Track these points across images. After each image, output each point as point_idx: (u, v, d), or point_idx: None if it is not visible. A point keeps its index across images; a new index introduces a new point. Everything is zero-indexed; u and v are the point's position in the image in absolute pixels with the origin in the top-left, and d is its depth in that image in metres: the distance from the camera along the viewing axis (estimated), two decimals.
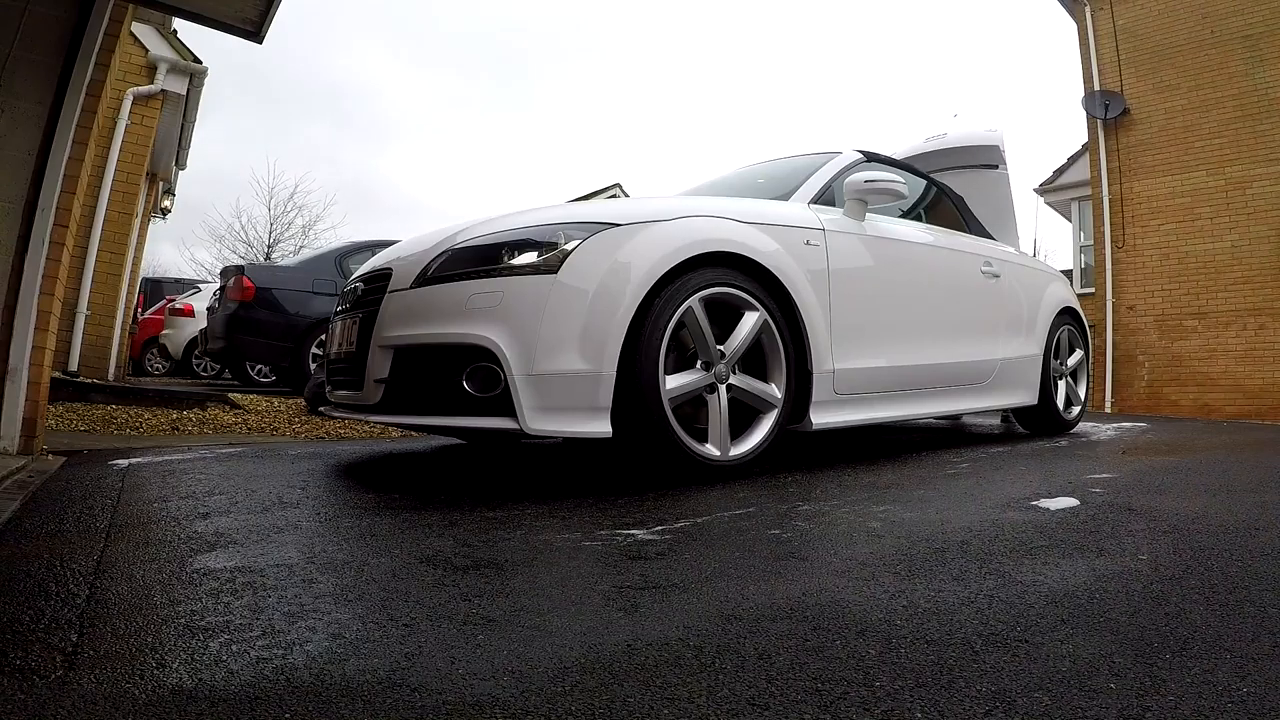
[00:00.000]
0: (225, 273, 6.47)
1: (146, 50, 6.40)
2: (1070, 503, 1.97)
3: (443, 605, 1.19)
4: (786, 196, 2.81)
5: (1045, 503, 1.97)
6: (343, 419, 3.17)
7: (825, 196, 2.88)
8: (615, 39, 67.79)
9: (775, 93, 67.08)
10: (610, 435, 2.04)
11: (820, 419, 2.51)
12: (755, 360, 2.38)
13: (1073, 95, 18.64)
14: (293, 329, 5.75)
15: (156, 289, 12.50)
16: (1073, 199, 10.77)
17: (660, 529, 1.66)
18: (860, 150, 3.20)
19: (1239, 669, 0.96)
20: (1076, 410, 4.06)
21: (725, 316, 2.30)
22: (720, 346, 2.25)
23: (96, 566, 1.38)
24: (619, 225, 2.15)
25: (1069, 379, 4.00)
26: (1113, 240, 8.68)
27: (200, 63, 6.64)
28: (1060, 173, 11.39)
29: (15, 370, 2.60)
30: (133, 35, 6.09)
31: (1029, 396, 3.64)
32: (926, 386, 3.00)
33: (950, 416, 3.78)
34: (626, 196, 15.45)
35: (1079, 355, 4.11)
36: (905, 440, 3.52)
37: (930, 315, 3.07)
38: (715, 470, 2.21)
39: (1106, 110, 8.75)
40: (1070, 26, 9.38)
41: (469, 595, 1.23)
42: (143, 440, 3.32)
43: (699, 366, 2.23)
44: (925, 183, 3.69)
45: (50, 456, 2.66)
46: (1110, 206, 8.72)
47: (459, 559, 1.43)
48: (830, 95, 65.23)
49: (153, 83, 6.42)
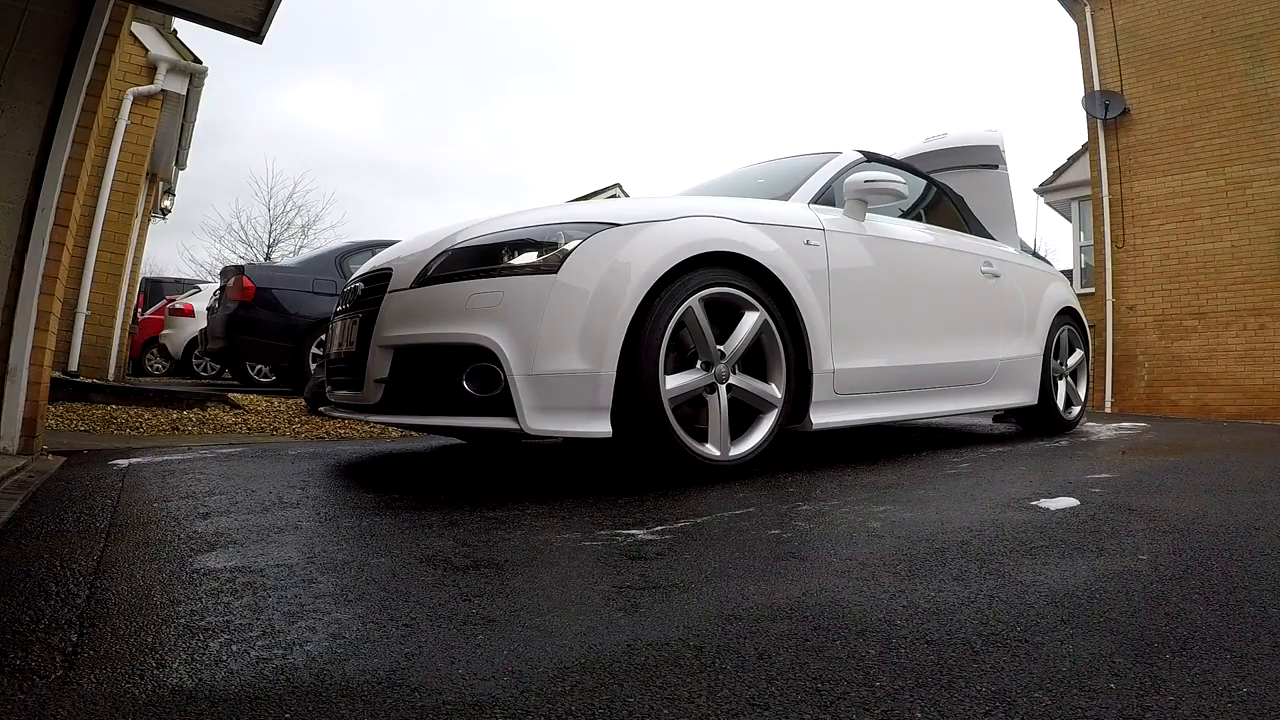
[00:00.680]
0: (225, 273, 6.47)
1: (146, 50, 6.40)
2: (1070, 503, 1.97)
3: (443, 605, 1.19)
4: (786, 196, 2.81)
5: (1045, 503, 1.97)
6: (343, 419, 3.17)
7: (825, 196, 2.89)
8: (615, 39, 67.84)
9: (775, 93, 67.12)
10: (610, 435, 2.04)
11: (820, 419, 2.51)
12: (755, 360, 2.38)
13: (1073, 95, 18.66)
14: (293, 329, 5.75)
15: (156, 289, 12.50)
16: (1073, 199, 10.77)
17: (660, 529, 1.66)
18: (860, 150, 3.20)
19: (1239, 669, 0.96)
20: (1076, 410, 4.06)
21: (725, 316, 2.30)
22: (720, 346, 2.25)
23: (96, 566, 1.38)
24: (619, 225, 2.15)
25: (1069, 379, 4.00)
26: (1113, 240, 8.68)
27: (200, 63, 6.64)
28: (1060, 173, 11.39)
29: (15, 370, 2.60)
30: (133, 35, 6.09)
31: (1029, 396, 3.64)
32: (926, 386, 3.00)
33: (950, 416, 3.78)
34: (626, 196, 15.45)
35: (1079, 355, 4.12)
36: (905, 440, 3.52)
37: (930, 315, 3.07)
38: (715, 470, 2.21)
39: (1106, 110, 8.75)
40: (1070, 26, 9.38)
41: (469, 595, 1.23)
42: (143, 440, 3.32)
43: (699, 366, 2.23)
44: (925, 183, 3.69)
45: (50, 456, 2.66)
46: (1110, 206, 8.72)
47: (459, 559, 1.43)
48: (830, 95, 65.26)
49: (153, 83, 6.42)
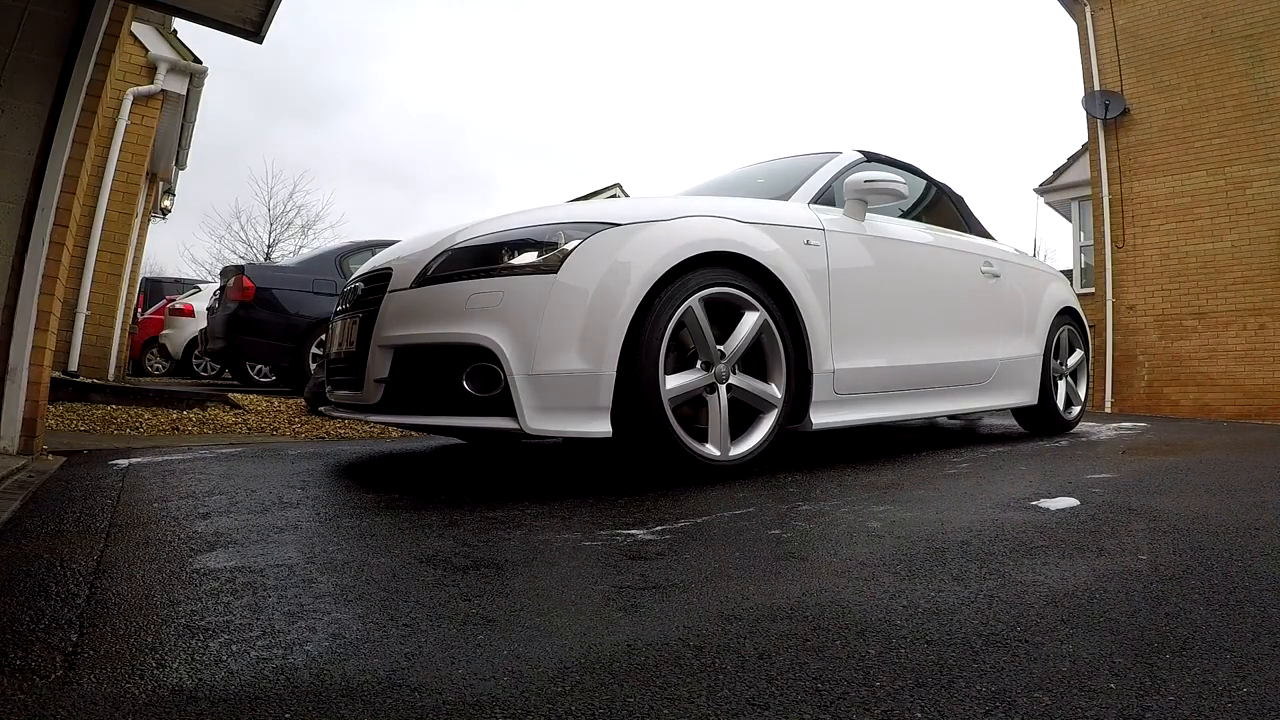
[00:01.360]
0: (225, 273, 6.47)
1: (146, 50, 6.40)
2: (1070, 503, 1.97)
3: (443, 605, 1.19)
4: (786, 197, 2.81)
5: (1045, 503, 1.96)
6: (343, 419, 3.17)
7: (825, 196, 2.88)
8: (616, 38, 67.82)
9: (775, 93, 67.13)
10: (610, 435, 2.04)
11: (820, 419, 2.51)
12: (755, 360, 2.38)
13: (1073, 95, 18.64)
14: (293, 329, 5.75)
15: (156, 289, 12.50)
16: (1073, 199, 10.77)
17: (660, 529, 1.66)
18: (860, 150, 3.20)
19: (1239, 669, 0.96)
20: (1076, 410, 4.06)
21: (725, 316, 2.30)
22: (720, 346, 2.25)
23: (96, 566, 1.37)
24: (619, 225, 2.15)
25: (1069, 379, 4.00)
26: (1113, 240, 8.68)
27: (200, 63, 6.64)
28: (1060, 173, 11.39)
29: (15, 370, 2.60)
30: (133, 35, 6.09)
31: (1029, 396, 3.64)
32: (926, 386, 3.00)
33: (950, 416, 3.78)
34: (626, 196, 15.45)
35: (1079, 355, 4.11)
36: (905, 440, 3.52)
37: (930, 315, 3.06)
38: (715, 470, 2.21)
39: (1106, 110, 8.75)
40: (1070, 26, 9.38)
41: (469, 595, 1.23)
42: (143, 440, 3.32)
43: (699, 366, 2.23)
44: (925, 183, 3.69)
45: (50, 456, 2.66)
46: (1110, 206, 8.72)
47: (459, 559, 1.43)
48: (830, 95, 65.27)
49: (153, 83, 6.42)
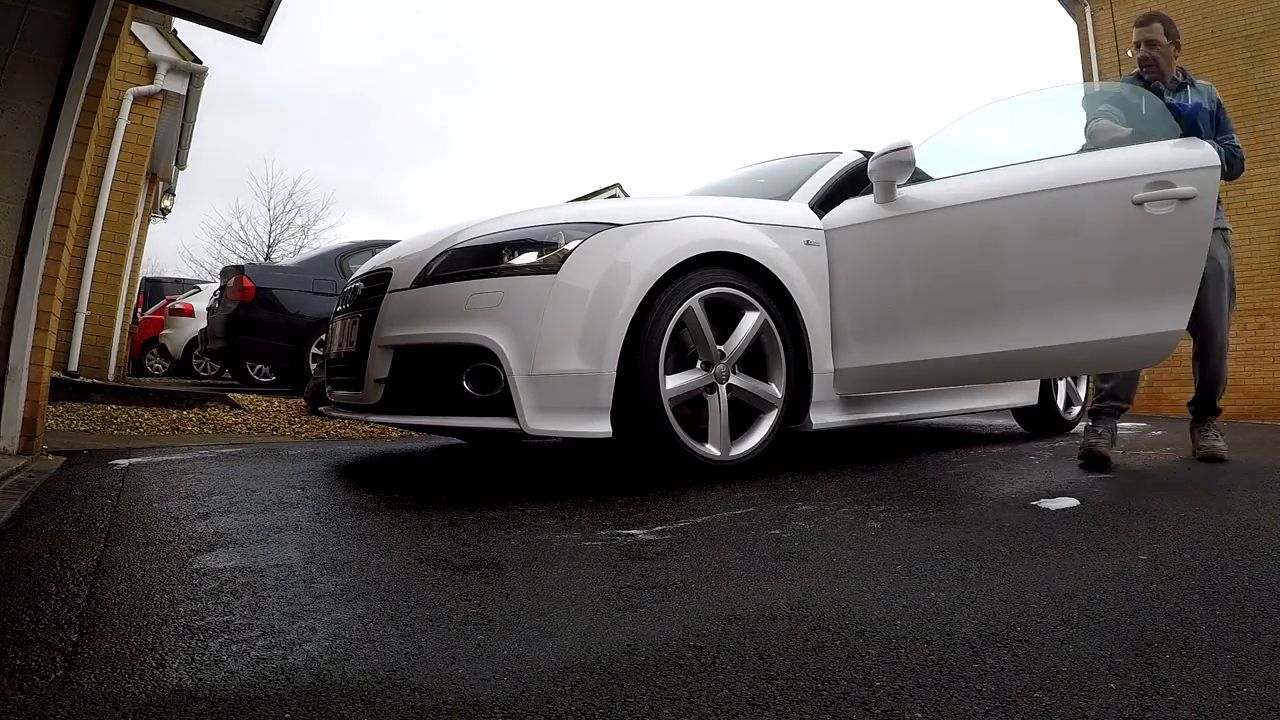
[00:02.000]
0: (225, 273, 6.47)
1: (146, 50, 6.40)
2: (1070, 503, 1.97)
3: (443, 605, 1.19)
4: (787, 197, 2.81)
5: (1045, 503, 1.97)
6: (343, 419, 3.17)
7: (825, 198, 2.86)
8: (616, 38, 67.85)
9: (775, 93, 67.13)
10: (610, 435, 2.04)
11: (820, 419, 2.51)
12: (755, 360, 2.38)
13: None
14: (293, 329, 5.74)
15: (156, 289, 12.49)
16: None
17: (660, 529, 1.66)
18: (860, 150, 3.20)
19: (1239, 669, 0.96)
20: (1076, 410, 4.06)
21: (725, 316, 2.30)
22: (720, 346, 2.25)
23: (96, 566, 1.38)
24: (619, 225, 2.15)
25: (1069, 379, 3.99)
26: None
27: (200, 63, 6.64)
28: None
29: (15, 370, 2.59)
30: (133, 35, 6.08)
31: (1029, 396, 3.64)
32: (937, 385, 2.98)
33: (950, 416, 3.78)
34: (626, 196, 15.45)
35: None
36: (905, 440, 3.52)
37: (974, 295, 2.86)
38: (715, 470, 2.21)
39: None
40: (1070, 26, 9.38)
41: (469, 595, 1.23)
42: (143, 440, 3.32)
43: (699, 366, 2.23)
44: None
45: (50, 456, 2.66)
46: None
47: (459, 559, 1.43)
48: (830, 95, 65.28)
49: (153, 83, 6.41)
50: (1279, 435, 4.34)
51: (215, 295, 6.80)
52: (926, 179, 2.63)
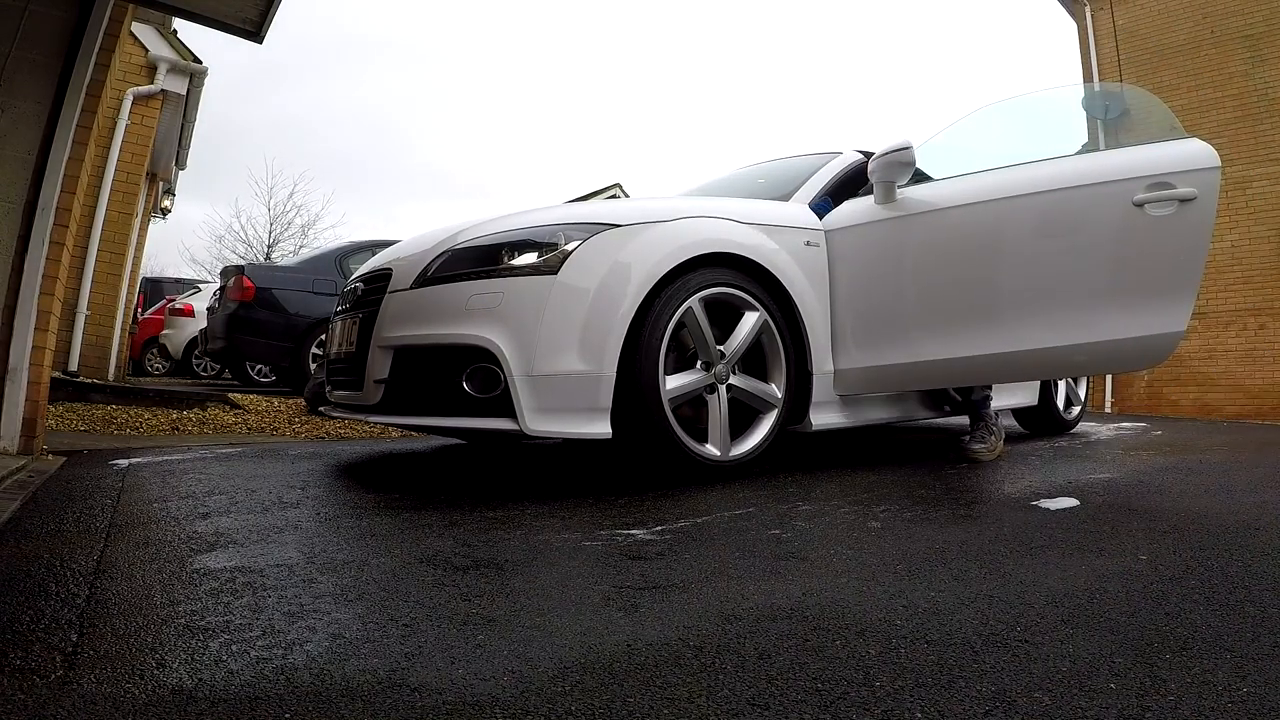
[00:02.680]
0: (225, 273, 6.47)
1: (146, 50, 6.40)
2: (1070, 503, 1.97)
3: (443, 605, 1.19)
4: (787, 197, 2.81)
5: (1045, 503, 1.97)
6: (343, 419, 3.17)
7: (825, 198, 2.87)
8: (616, 38, 67.86)
9: (775, 93, 67.14)
10: (610, 436, 2.04)
11: (820, 419, 2.50)
12: (755, 360, 2.38)
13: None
14: (293, 329, 5.74)
15: (156, 289, 12.49)
16: None
17: (660, 529, 1.66)
18: (860, 150, 3.20)
19: (1239, 669, 0.96)
20: (1076, 410, 4.06)
21: (725, 317, 2.30)
22: (720, 347, 2.25)
23: (96, 566, 1.38)
24: (619, 226, 2.15)
25: (1069, 379, 3.99)
26: None
27: (200, 63, 6.64)
28: None
29: (15, 370, 2.59)
30: (133, 35, 6.08)
31: (1029, 396, 3.64)
32: (937, 386, 2.98)
33: (950, 417, 3.77)
34: (626, 196, 15.45)
35: None
36: (906, 440, 3.52)
37: (973, 297, 2.85)
38: (715, 470, 2.21)
39: (1106, 110, 8.75)
40: (1070, 26, 9.38)
41: (469, 595, 1.23)
42: (143, 440, 3.32)
43: (699, 367, 2.23)
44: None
45: (50, 456, 2.66)
46: None
47: (459, 559, 1.43)
48: (830, 95, 65.28)
49: (153, 83, 6.41)
50: (1279, 435, 4.34)
51: (215, 295, 6.80)
52: (927, 179, 2.63)
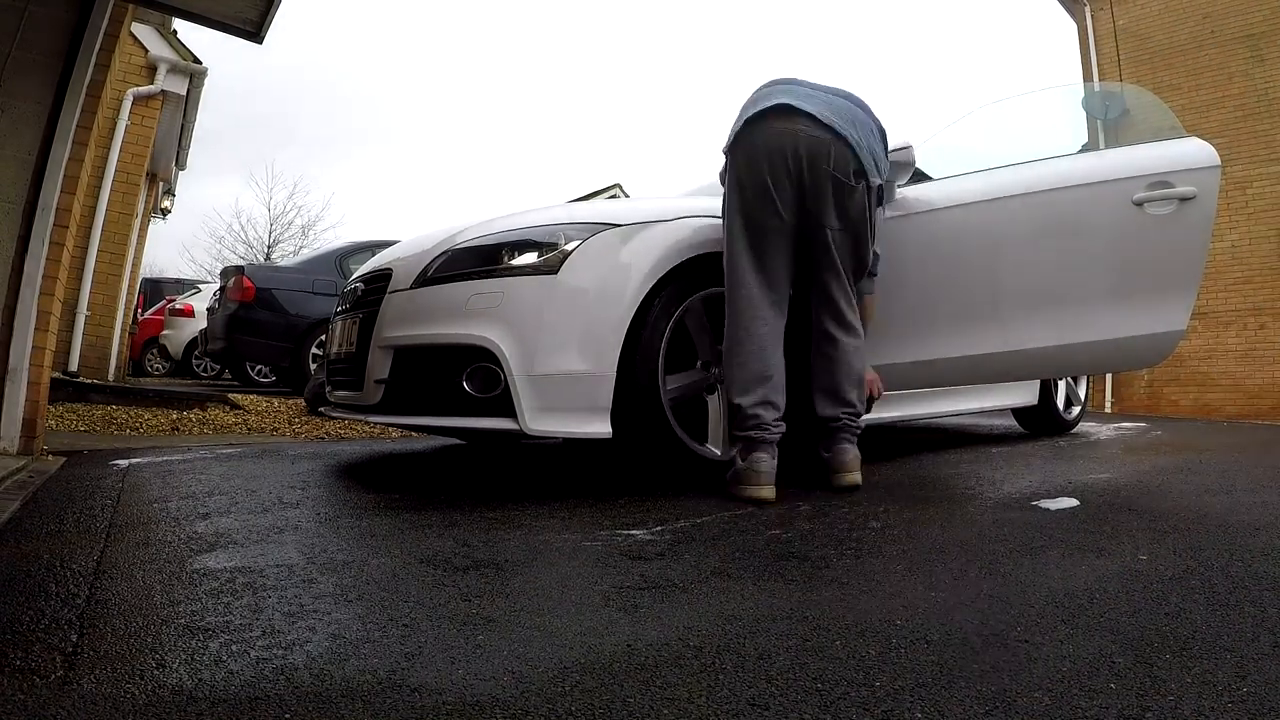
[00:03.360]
0: (225, 273, 6.47)
1: (146, 50, 6.40)
2: (1070, 503, 1.97)
3: (443, 605, 1.19)
4: None
5: (1045, 503, 1.97)
6: (343, 419, 3.17)
7: None
8: (616, 38, 67.86)
9: None
10: (610, 436, 2.04)
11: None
12: None
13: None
14: (293, 329, 5.75)
15: (156, 289, 12.50)
16: None
17: (660, 529, 1.66)
18: None
19: (1239, 669, 0.96)
20: (1076, 410, 4.06)
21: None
22: (720, 346, 2.25)
23: (96, 566, 1.37)
24: (619, 225, 2.15)
25: (1069, 379, 3.99)
26: None
27: (200, 63, 6.64)
28: None
29: (15, 370, 2.59)
30: (133, 35, 6.09)
31: (1029, 396, 3.64)
32: (937, 385, 2.98)
33: (951, 417, 3.78)
34: (626, 196, 15.45)
35: None
36: (905, 440, 3.52)
37: (970, 298, 2.86)
38: (715, 470, 2.21)
39: (1106, 111, 8.75)
40: (1070, 26, 9.39)
41: (469, 595, 1.23)
42: (143, 440, 3.32)
43: (699, 366, 2.23)
44: None
45: (50, 457, 2.66)
46: None
47: (459, 559, 1.43)
48: None
49: (153, 83, 6.42)
50: (1279, 435, 4.34)
51: (215, 296, 6.80)
52: (927, 179, 2.63)
